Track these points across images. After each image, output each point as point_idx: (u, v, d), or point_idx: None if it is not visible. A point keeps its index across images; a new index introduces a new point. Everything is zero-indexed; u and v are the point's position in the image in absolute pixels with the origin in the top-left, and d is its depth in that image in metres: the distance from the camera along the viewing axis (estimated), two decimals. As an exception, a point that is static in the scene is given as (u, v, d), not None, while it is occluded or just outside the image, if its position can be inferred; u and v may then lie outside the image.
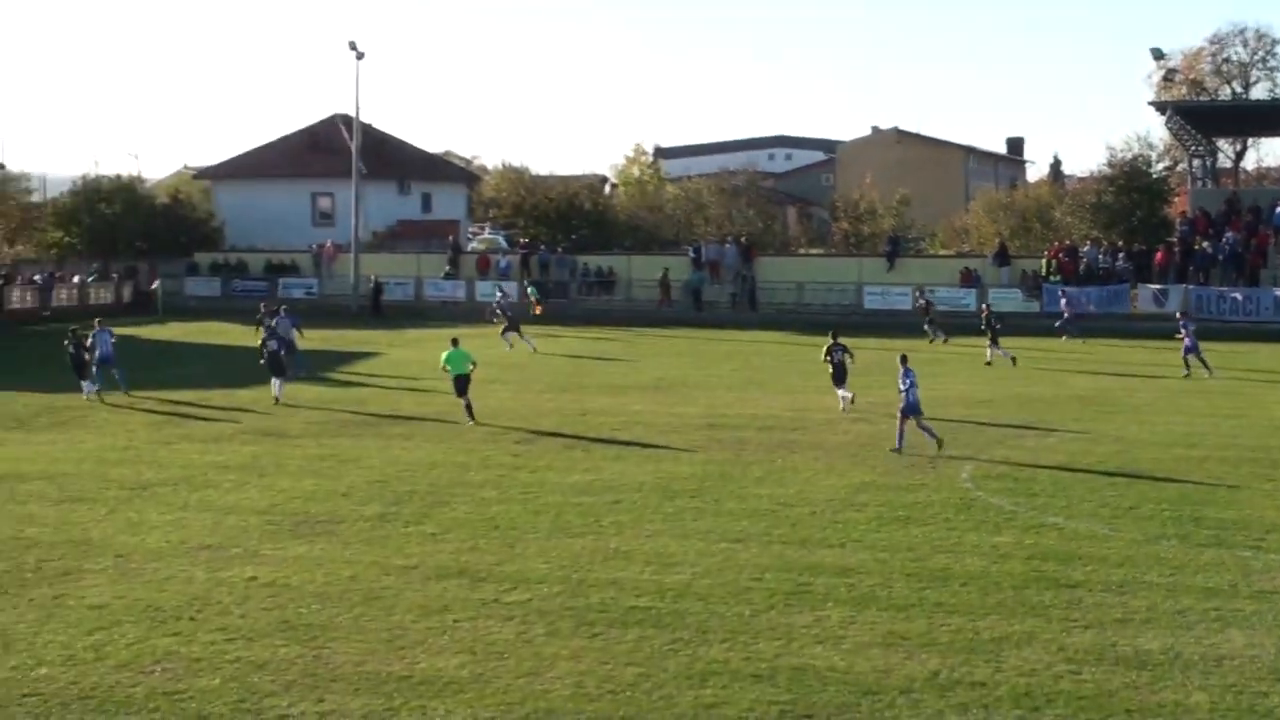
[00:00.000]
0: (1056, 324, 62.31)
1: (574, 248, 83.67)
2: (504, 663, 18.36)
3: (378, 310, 75.49)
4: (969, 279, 71.87)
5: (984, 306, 59.45)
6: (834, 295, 73.51)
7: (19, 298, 76.27)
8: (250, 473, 31.54)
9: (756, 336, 64.36)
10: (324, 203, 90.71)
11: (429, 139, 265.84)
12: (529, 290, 72.95)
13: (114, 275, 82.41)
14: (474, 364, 39.30)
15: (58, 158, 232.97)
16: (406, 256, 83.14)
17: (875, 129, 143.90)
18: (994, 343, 52.88)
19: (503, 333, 58.70)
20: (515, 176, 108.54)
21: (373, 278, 77.33)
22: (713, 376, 49.83)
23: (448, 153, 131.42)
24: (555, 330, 66.50)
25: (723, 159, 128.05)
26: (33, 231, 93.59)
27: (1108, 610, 20.44)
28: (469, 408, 38.45)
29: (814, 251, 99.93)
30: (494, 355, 54.65)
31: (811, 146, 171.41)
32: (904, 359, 34.46)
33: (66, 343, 43.84)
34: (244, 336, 63.14)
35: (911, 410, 33.73)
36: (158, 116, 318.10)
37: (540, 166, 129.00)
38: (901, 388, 33.85)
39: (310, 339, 56.05)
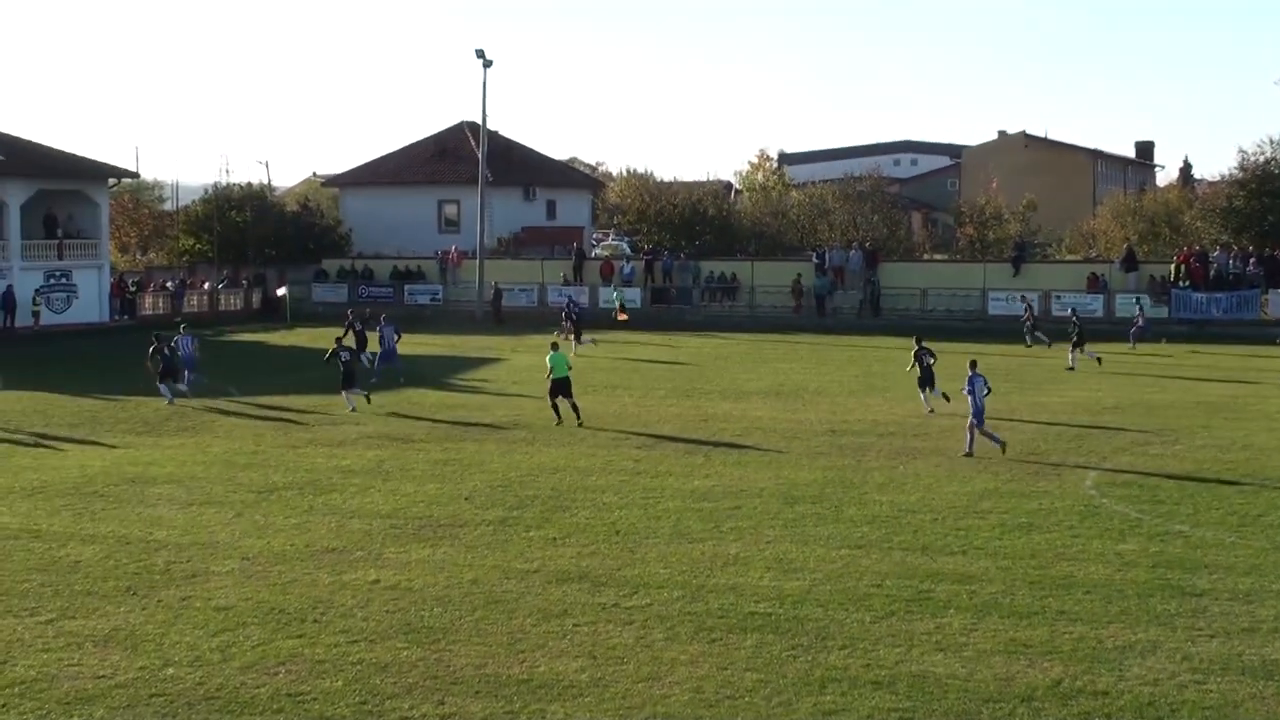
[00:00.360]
0: (1130, 329, 61.30)
1: (697, 253, 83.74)
2: (623, 667, 18.38)
3: (499, 317, 75.79)
4: (1095, 284, 70.96)
5: (1071, 310, 59.32)
6: (958, 301, 72.98)
7: (151, 304, 77.56)
8: (374, 477, 31.82)
9: (879, 342, 63.68)
10: (450, 209, 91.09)
11: (555, 146, 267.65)
12: (614, 296, 72.91)
13: (243, 282, 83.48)
14: (570, 367, 40.26)
15: (189, 166, 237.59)
16: (530, 263, 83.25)
17: (1001, 133, 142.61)
18: (1077, 347, 52.79)
19: (577, 337, 58.99)
20: (639, 183, 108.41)
21: (493, 284, 77.73)
22: (835, 382, 49.63)
23: (573, 159, 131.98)
24: (676, 338, 66.63)
25: (847, 164, 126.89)
26: (165, 239, 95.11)
27: (1234, 619, 20.12)
28: (575, 408, 39.11)
29: (938, 257, 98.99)
30: (616, 362, 54.84)
31: (937, 151, 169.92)
32: (973, 364, 34.58)
33: (161, 346, 44.37)
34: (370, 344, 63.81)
35: (977, 415, 33.75)
36: (287, 125, 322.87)
37: (664, 173, 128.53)
38: (965, 391, 34.01)
39: (435, 344, 56.63)
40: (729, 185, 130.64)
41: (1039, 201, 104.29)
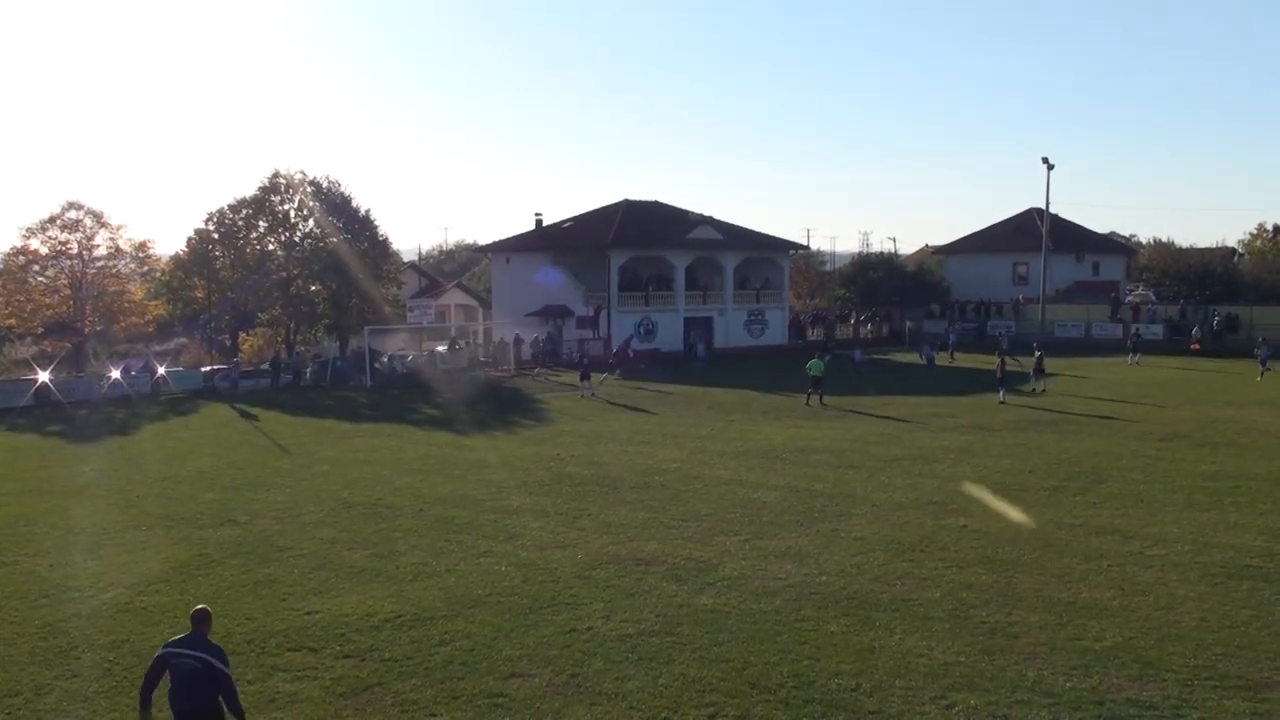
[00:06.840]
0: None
1: (1206, 300, 77.88)
2: (1144, 598, 17.17)
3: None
4: None
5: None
6: None
7: (813, 333, 79.35)
8: (964, 454, 31.11)
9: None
10: (1021, 269, 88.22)
11: (1099, 222, 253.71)
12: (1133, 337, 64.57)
13: (876, 318, 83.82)
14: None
15: (842, 240, 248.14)
16: (1078, 307, 79.56)
17: None
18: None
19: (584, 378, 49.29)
20: (1163, 249, 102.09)
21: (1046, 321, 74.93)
22: (1317, 396, 44.53)
23: (1112, 233, 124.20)
24: (1188, 361, 61.75)
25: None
26: (824, 289, 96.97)
27: None
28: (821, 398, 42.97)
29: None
30: (1136, 376, 51.39)
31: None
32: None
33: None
34: (966, 360, 62.48)
35: None
36: (909, 210, 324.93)
37: (1183, 240, 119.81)
38: None
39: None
40: (1233, 250, 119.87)
41: None
